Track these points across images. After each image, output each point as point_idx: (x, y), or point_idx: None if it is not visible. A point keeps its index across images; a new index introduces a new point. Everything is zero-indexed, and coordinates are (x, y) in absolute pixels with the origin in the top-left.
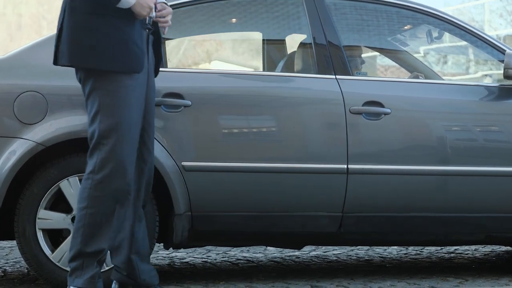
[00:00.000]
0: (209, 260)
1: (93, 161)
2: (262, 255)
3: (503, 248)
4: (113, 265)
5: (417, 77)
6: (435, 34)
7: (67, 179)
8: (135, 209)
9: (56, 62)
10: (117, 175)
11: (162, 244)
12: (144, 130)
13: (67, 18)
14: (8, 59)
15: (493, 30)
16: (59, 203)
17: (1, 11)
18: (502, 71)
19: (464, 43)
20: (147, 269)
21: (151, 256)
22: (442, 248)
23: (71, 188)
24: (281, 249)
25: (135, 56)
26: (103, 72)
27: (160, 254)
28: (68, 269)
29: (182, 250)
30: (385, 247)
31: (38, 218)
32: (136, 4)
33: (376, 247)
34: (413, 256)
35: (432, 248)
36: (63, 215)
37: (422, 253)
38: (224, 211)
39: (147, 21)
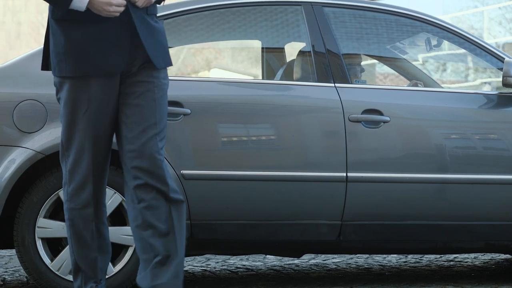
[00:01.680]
0: (208, 269)
1: (63, 173)
2: (262, 263)
3: (503, 256)
4: (111, 274)
5: (416, 85)
6: (434, 42)
7: None
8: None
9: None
10: (81, 188)
11: None
12: (119, 144)
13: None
14: (7, 68)
15: (492, 38)
16: (59, 212)
17: (0, 19)
18: (501, 79)
19: (463, 51)
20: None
21: None
22: (441, 256)
23: None
24: (281, 257)
25: (83, 60)
26: (59, 79)
27: None
28: (67, 278)
29: None
30: (384, 255)
31: (38, 227)
32: (91, 7)
33: (375, 255)
34: (413, 264)
35: (432, 256)
36: (62, 223)
37: (421, 261)
38: (223, 220)
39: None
